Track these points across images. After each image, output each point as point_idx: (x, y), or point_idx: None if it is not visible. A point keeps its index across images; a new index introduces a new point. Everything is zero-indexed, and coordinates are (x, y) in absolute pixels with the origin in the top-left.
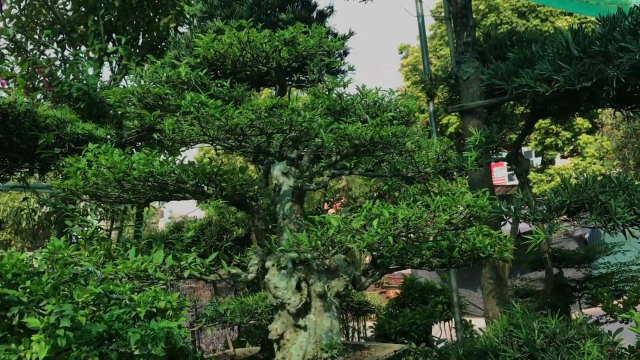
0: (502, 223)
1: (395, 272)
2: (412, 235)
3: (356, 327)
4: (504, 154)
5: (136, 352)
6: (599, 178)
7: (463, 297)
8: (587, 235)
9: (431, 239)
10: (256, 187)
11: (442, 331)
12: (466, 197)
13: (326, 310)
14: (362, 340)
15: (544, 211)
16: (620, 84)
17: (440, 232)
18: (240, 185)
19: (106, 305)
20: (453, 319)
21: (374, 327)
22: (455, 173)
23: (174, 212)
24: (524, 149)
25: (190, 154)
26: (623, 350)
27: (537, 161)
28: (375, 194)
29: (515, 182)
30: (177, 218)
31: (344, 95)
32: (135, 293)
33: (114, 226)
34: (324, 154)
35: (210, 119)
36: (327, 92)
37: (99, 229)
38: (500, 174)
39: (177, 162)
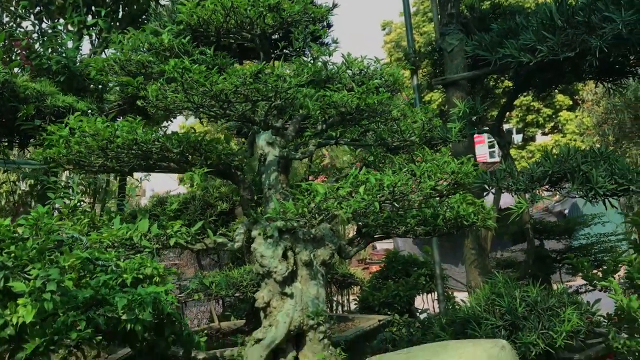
0: (485, 194)
1: (378, 248)
2: (397, 202)
3: (340, 301)
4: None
5: (123, 317)
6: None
7: (445, 270)
8: (566, 211)
9: (416, 205)
10: (240, 157)
11: (425, 303)
12: (451, 164)
13: (312, 278)
14: (346, 313)
15: (527, 181)
16: (603, 54)
17: (425, 199)
18: (225, 155)
19: (92, 272)
20: (435, 291)
21: (358, 299)
22: (439, 144)
23: (156, 190)
24: (505, 127)
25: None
26: (601, 318)
27: (518, 138)
28: (360, 165)
29: (497, 159)
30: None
31: (329, 63)
32: (121, 260)
33: (96, 200)
34: (310, 123)
35: (195, 85)
36: (312, 62)
37: (81, 202)
38: (482, 151)
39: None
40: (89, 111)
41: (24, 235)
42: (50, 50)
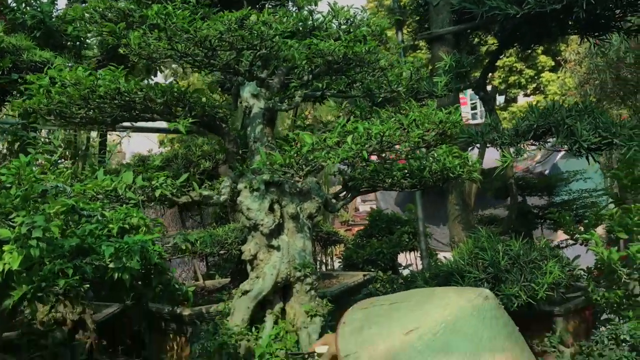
0: (470, 149)
1: (361, 210)
2: (385, 152)
3: (324, 260)
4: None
5: (111, 266)
6: None
7: (427, 229)
8: (547, 172)
9: (404, 157)
10: (225, 109)
11: (408, 260)
12: (439, 114)
13: (299, 231)
14: (331, 271)
15: (512, 135)
16: (590, 6)
17: (413, 150)
18: (210, 107)
19: (77, 223)
20: (418, 249)
21: (342, 257)
22: (425, 99)
23: (136, 152)
24: (488, 88)
25: None
26: (582, 272)
27: (500, 100)
28: (347, 117)
29: (479, 120)
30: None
31: (315, 12)
32: (107, 210)
33: (77, 159)
34: (296, 74)
35: (178, 31)
36: (297, 11)
37: (62, 159)
38: (464, 112)
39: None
40: (68, 66)
41: (6, 184)
42: (24, 4)
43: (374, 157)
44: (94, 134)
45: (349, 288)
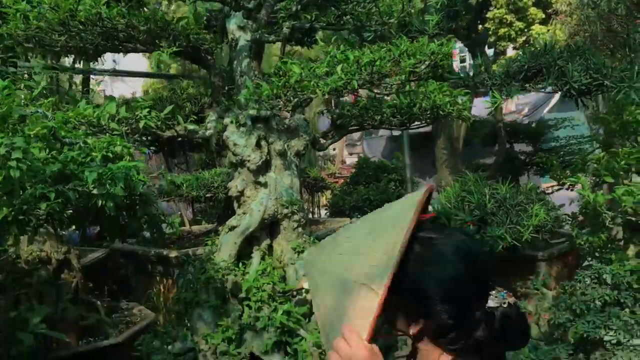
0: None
1: (348, 163)
2: (375, 85)
3: (311, 210)
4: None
5: (94, 192)
6: None
7: (415, 178)
8: (533, 124)
9: (394, 90)
10: (211, 41)
11: None
12: (430, 45)
13: (286, 168)
14: (317, 218)
15: (502, 76)
16: None
17: (403, 84)
18: (195, 38)
19: (59, 151)
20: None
21: (328, 204)
22: (417, 37)
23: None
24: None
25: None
26: (566, 216)
27: (489, 52)
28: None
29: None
30: None
31: None
32: (90, 138)
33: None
34: (284, 5)
35: None
36: None
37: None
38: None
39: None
40: None
41: None
42: None
43: (363, 94)
44: (77, 80)
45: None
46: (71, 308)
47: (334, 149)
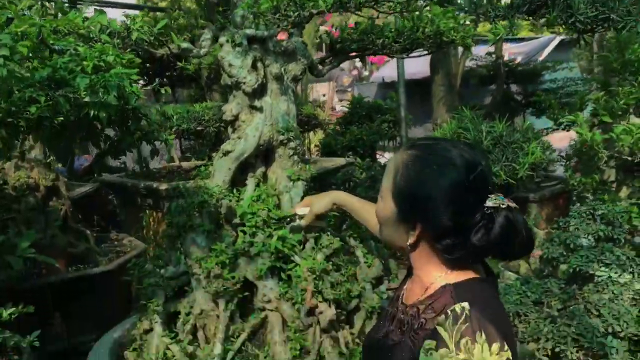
0: None
1: (338, 110)
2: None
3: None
4: None
5: (86, 99)
6: None
7: (410, 121)
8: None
9: (399, 9)
10: None
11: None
12: None
13: (283, 93)
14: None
15: (505, 8)
16: None
17: (409, 2)
18: None
19: (48, 58)
20: (398, 136)
21: (320, 144)
22: None
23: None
24: None
25: None
26: (560, 157)
27: None
28: None
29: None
30: None
31: None
32: (81, 46)
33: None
34: None
35: None
36: None
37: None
38: None
39: None
40: None
41: None
42: None
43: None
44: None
45: (327, 171)
46: (60, 235)
47: (324, 95)
